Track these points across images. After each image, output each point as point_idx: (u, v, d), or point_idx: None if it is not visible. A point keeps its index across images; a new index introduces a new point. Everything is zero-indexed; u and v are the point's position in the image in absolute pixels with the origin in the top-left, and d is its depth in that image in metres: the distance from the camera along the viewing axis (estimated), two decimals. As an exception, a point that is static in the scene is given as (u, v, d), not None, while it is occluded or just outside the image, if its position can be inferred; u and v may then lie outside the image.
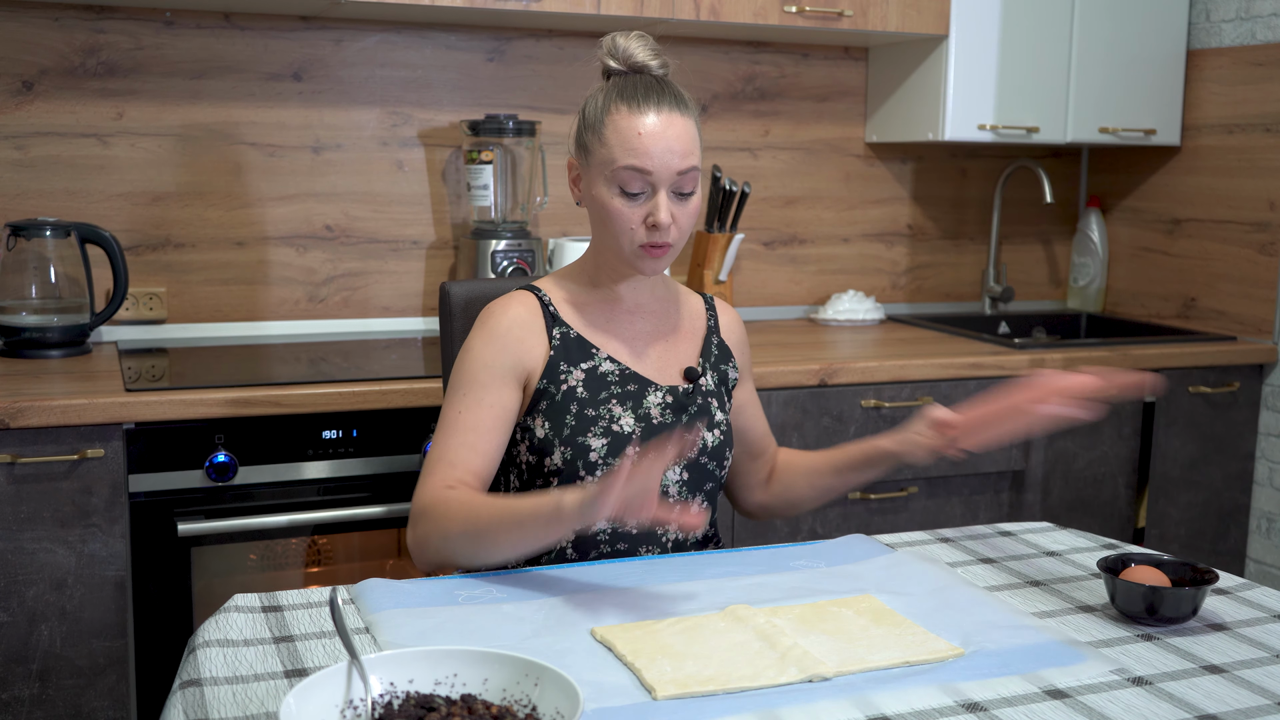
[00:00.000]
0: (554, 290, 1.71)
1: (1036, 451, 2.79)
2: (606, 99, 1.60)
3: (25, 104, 2.57)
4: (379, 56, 2.81)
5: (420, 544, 1.54)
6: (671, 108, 1.58)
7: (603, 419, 1.62)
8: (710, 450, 1.68)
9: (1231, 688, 1.24)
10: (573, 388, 1.63)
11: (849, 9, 2.81)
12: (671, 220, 1.58)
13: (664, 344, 1.72)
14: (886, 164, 3.33)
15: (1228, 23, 3.12)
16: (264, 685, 1.20)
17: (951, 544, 1.70)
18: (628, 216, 1.58)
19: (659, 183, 1.57)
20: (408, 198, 2.87)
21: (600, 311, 1.70)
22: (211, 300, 2.74)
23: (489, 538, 1.48)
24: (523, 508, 1.44)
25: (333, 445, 2.26)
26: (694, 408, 1.68)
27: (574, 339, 1.66)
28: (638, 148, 1.56)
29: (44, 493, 2.07)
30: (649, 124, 1.56)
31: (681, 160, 1.57)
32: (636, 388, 1.66)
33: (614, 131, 1.57)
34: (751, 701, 1.18)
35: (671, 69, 1.65)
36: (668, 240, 1.59)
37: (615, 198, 1.58)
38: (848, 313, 3.15)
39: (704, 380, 1.71)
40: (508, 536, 1.46)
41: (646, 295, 1.72)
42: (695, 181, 1.61)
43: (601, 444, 1.61)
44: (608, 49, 1.63)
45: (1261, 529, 3.05)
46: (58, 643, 2.10)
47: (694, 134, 1.60)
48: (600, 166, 1.59)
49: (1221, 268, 3.16)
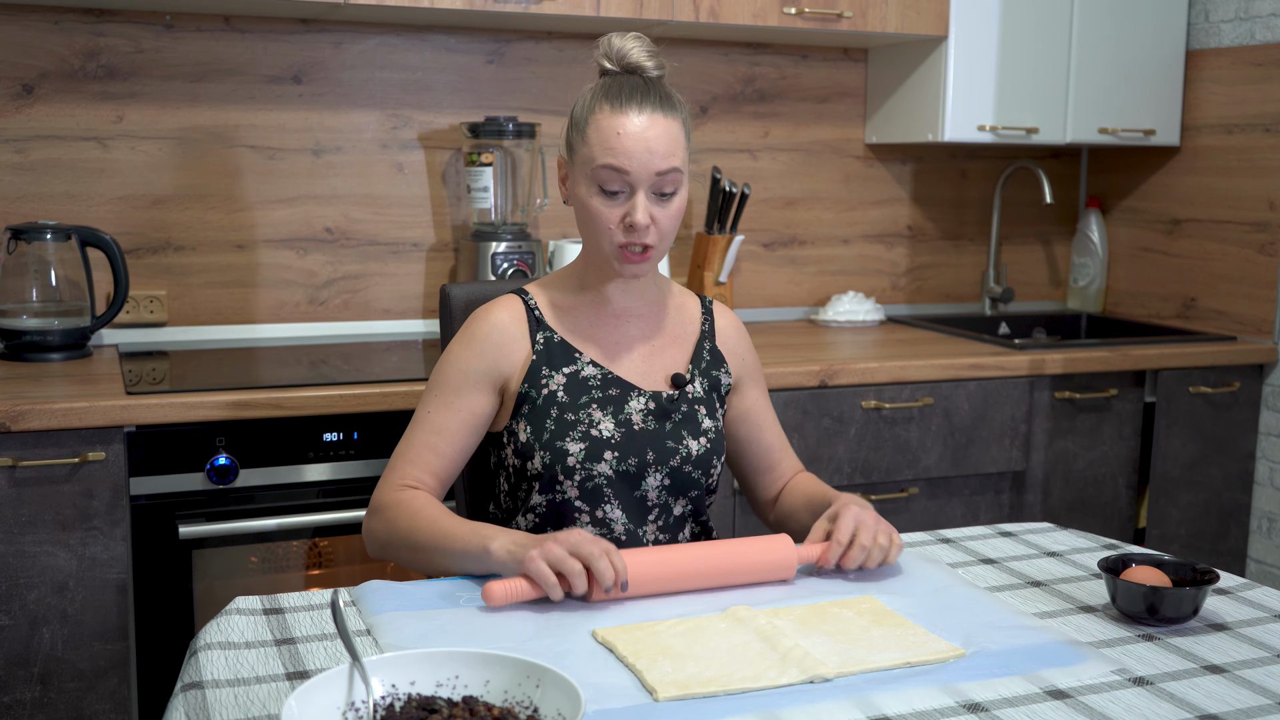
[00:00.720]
0: (541, 295, 1.71)
1: (1037, 452, 2.79)
2: (593, 98, 1.61)
3: (25, 107, 2.57)
4: (379, 59, 2.81)
5: (371, 537, 1.62)
6: (655, 108, 1.57)
7: (581, 423, 1.62)
8: (695, 459, 1.66)
9: (1232, 688, 1.24)
10: (553, 392, 1.64)
11: (848, 10, 2.81)
12: (650, 221, 1.57)
13: (651, 348, 1.70)
14: (886, 165, 3.33)
15: (1227, 23, 3.12)
16: (266, 688, 1.20)
17: (952, 544, 1.70)
18: (606, 216, 1.58)
19: (637, 183, 1.56)
20: (408, 200, 2.87)
21: (586, 315, 1.69)
22: (212, 303, 2.74)
23: (423, 554, 1.54)
24: (455, 538, 1.49)
25: (333, 447, 2.26)
26: (678, 415, 1.67)
27: (557, 343, 1.66)
28: (616, 147, 1.55)
29: (45, 496, 2.07)
30: (629, 124, 1.56)
31: (662, 161, 1.56)
32: (618, 392, 1.65)
33: (595, 130, 1.57)
34: (753, 702, 1.18)
35: (668, 71, 1.65)
36: (646, 240, 1.58)
37: (594, 197, 1.58)
38: (848, 314, 3.15)
39: (691, 387, 1.69)
40: (440, 560, 1.51)
41: (636, 298, 1.71)
42: (677, 183, 1.59)
43: (579, 448, 1.61)
44: (604, 49, 1.64)
45: (1262, 529, 3.05)
46: (59, 646, 2.10)
47: (677, 135, 1.59)
48: (582, 165, 1.60)
49: (1221, 268, 3.16)
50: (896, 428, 2.65)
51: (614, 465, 1.62)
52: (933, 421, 2.67)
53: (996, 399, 2.72)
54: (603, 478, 1.62)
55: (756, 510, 1.86)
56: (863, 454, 2.62)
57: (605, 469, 1.62)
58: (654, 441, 1.64)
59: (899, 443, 2.65)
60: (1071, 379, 2.81)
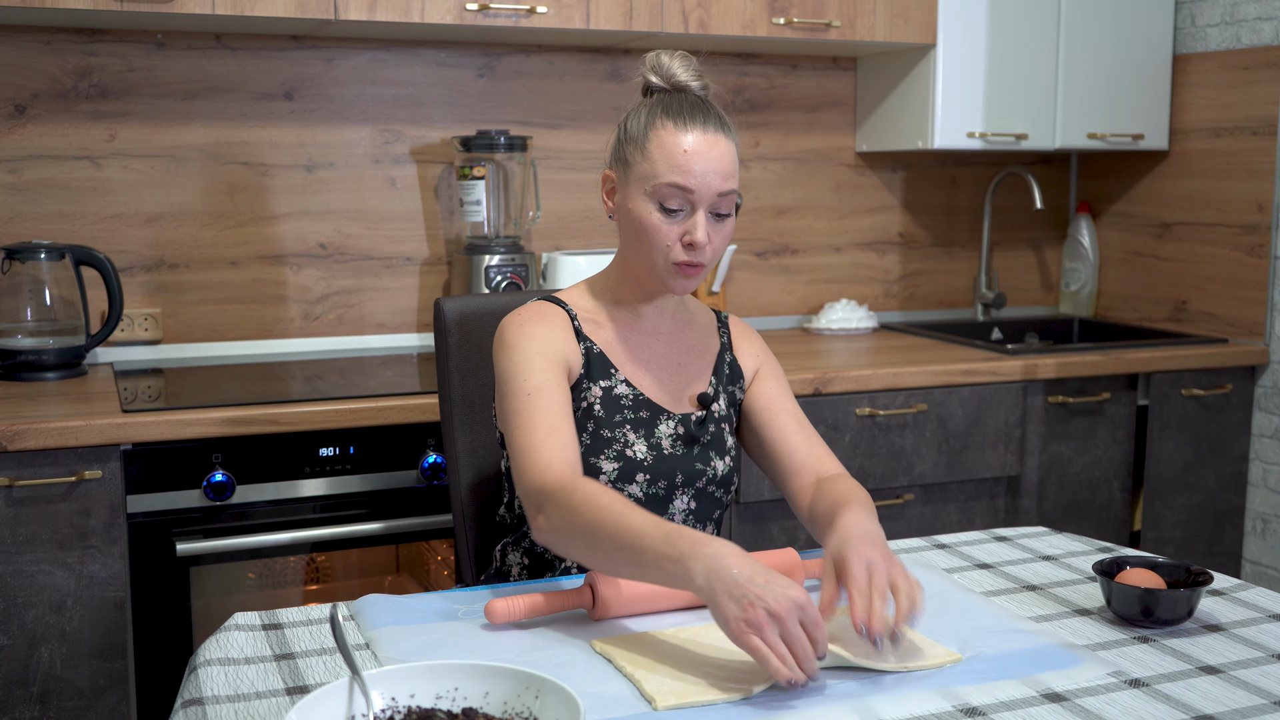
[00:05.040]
0: (578, 304, 1.68)
1: (1031, 457, 2.80)
2: (650, 114, 1.58)
3: (18, 128, 2.58)
4: (370, 75, 2.82)
5: (546, 528, 1.44)
6: (716, 129, 1.56)
7: (617, 442, 1.61)
8: (720, 478, 1.66)
9: (1228, 688, 1.25)
10: (591, 404, 1.62)
11: (837, 19, 2.82)
12: (708, 240, 1.56)
13: (678, 368, 1.69)
14: (877, 173, 3.34)
15: (1213, 27, 3.14)
16: (266, 703, 1.20)
17: (948, 550, 1.70)
18: (665, 233, 1.56)
19: (699, 201, 1.55)
20: (400, 214, 2.88)
21: (619, 331, 1.67)
22: (207, 320, 2.75)
23: (604, 552, 1.36)
24: (647, 549, 1.31)
25: (330, 463, 2.26)
26: (706, 437, 1.66)
27: (597, 355, 1.64)
28: (682, 164, 1.54)
29: (42, 515, 2.07)
30: (694, 142, 1.54)
31: (723, 181, 1.55)
32: (649, 414, 1.64)
33: (658, 146, 1.55)
34: (751, 711, 1.18)
35: (711, 91, 1.64)
36: (702, 260, 1.57)
37: (654, 213, 1.56)
38: (841, 321, 3.16)
39: (716, 405, 1.68)
40: (624, 563, 1.35)
41: (668, 317, 1.70)
42: (732, 204, 1.58)
43: (613, 467, 1.60)
44: (651, 65, 1.62)
45: (1257, 530, 3.06)
46: (58, 665, 2.10)
47: (735, 157, 1.58)
48: (640, 181, 1.57)
49: (1211, 270, 3.17)
50: (891, 434, 2.65)
51: (644, 488, 1.61)
52: (927, 428, 2.68)
53: (990, 404, 2.73)
54: (632, 499, 1.60)
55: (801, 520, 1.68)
56: (858, 461, 2.63)
57: (636, 490, 1.61)
58: (683, 464, 1.63)
59: (894, 449, 2.66)
60: (1064, 383, 2.82)
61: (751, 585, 1.22)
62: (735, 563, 1.24)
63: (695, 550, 1.26)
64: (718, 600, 1.23)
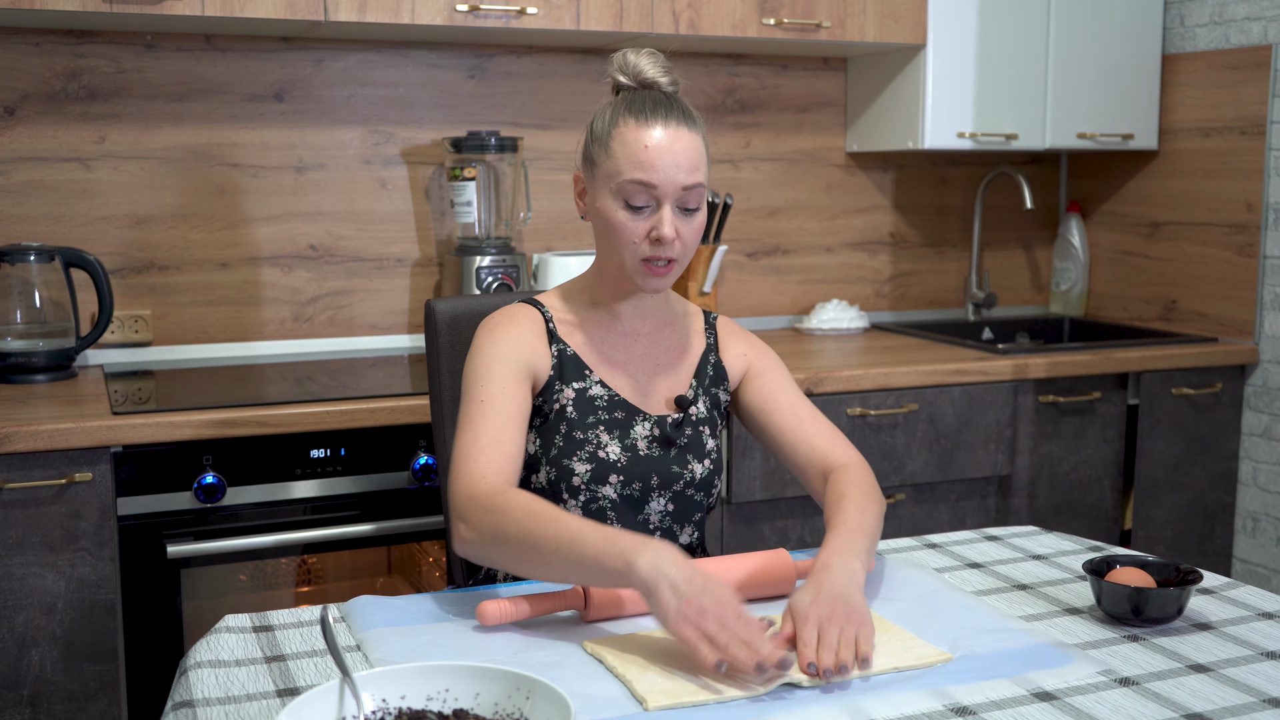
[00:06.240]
0: (554, 306, 1.69)
1: (1022, 456, 2.81)
2: (615, 112, 1.58)
3: (7, 129, 2.57)
4: (360, 76, 2.82)
5: (468, 538, 1.44)
6: (679, 123, 1.56)
7: (589, 443, 1.61)
8: (698, 481, 1.66)
9: (1218, 686, 1.25)
10: (564, 407, 1.62)
11: (827, 20, 2.83)
12: (675, 235, 1.56)
13: (656, 369, 1.69)
14: (867, 173, 3.35)
15: (1201, 27, 3.15)
16: (256, 705, 1.20)
17: (939, 549, 1.71)
18: (631, 230, 1.56)
19: (664, 197, 1.55)
20: (391, 216, 2.88)
21: (597, 332, 1.68)
22: (197, 322, 2.74)
23: (540, 557, 1.38)
24: (586, 545, 1.34)
25: (321, 464, 2.26)
26: (683, 440, 1.65)
27: (570, 357, 1.64)
28: (643, 160, 1.54)
29: (32, 517, 2.07)
30: (656, 137, 1.54)
31: (687, 175, 1.55)
32: (624, 415, 1.64)
33: (620, 144, 1.56)
34: (742, 711, 1.18)
35: (681, 87, 1.63)
36: (671, 255, 1.57)
37: (620, 210, 1.56)
38: (832, 322, 3.17)
39: (695, 408, 1.68)
40: (561, 566, 1.36)
41: (648, 318, 1.70)
42: (700, 198, 1.58)
43: (586, 469, 1.60)
44: (618, 65, 1.62)
45: (1247, 529, 3.07)
46: (48, 668, 2.10)
47: (701, 150, 1.58)
48: (606, 179, 1.57)
49: (1201, 270, 3.18)
50: (882, 434, 2.66)
51: (618, 489, 1.61)
52: (918, 427, 2.69)
53: (981, 404, 2.74)
54: (607, 500, 1.61)
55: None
56: (849, 461, 2.63)
57: (610, 491, 1.61)
58: (659, 466, 1.63)
59: (885, 449, 2.66)
60: (1055, 383, 2.82)
61: (691, 584, 1.28)
62: (676, 561, 1.30)
63: (638, 548, 1.31)
64: (659, 593, 1.28)
